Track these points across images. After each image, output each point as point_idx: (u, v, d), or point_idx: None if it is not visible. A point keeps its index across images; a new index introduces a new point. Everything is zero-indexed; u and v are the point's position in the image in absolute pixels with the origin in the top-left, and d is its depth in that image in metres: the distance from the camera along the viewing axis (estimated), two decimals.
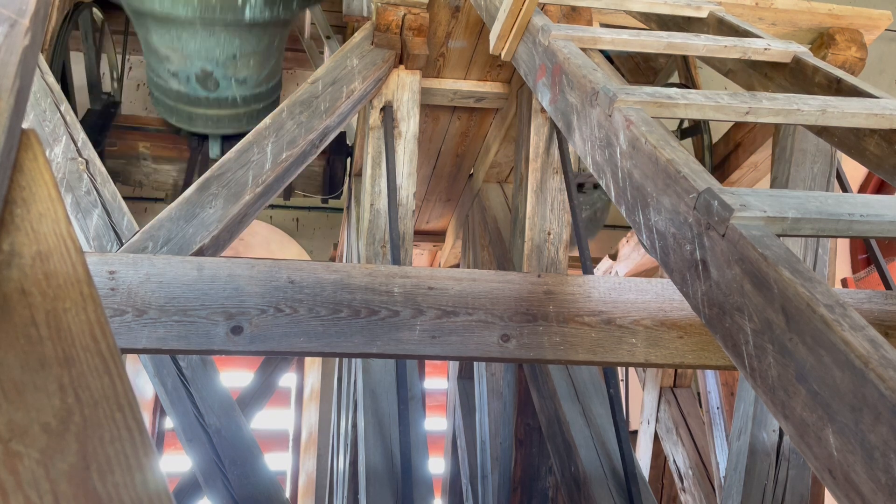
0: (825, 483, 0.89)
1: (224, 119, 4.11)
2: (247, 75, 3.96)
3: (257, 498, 2.54)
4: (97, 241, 2.72)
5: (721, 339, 1.15)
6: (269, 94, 4.24)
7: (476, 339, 2.33)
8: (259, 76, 4.04)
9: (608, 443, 2.75)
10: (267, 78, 4.11)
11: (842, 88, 1.79)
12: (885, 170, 1.69)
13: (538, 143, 3.41)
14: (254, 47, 3.88)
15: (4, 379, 0.66)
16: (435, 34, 3.43)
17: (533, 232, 3.37)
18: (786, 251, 1.05)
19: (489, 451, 3.86)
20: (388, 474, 2.50)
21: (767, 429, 3.02)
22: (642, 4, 2.34)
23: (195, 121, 4.13)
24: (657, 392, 5.17)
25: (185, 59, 3.79)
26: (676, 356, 2.43)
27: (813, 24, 3.28)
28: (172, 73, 3.89)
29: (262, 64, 3.98)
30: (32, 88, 1.99)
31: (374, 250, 3.15)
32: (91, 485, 0.61)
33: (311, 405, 7.41)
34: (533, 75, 2.10)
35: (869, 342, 0.87)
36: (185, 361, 2.65)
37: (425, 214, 5.32)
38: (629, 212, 1.47)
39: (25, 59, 0.86)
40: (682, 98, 1.57)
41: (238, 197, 2.76)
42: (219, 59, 3.80)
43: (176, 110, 4.10)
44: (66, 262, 0.76)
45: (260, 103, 4.18)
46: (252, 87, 4.05)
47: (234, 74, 3.91)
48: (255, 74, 4.01)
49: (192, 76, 3.86)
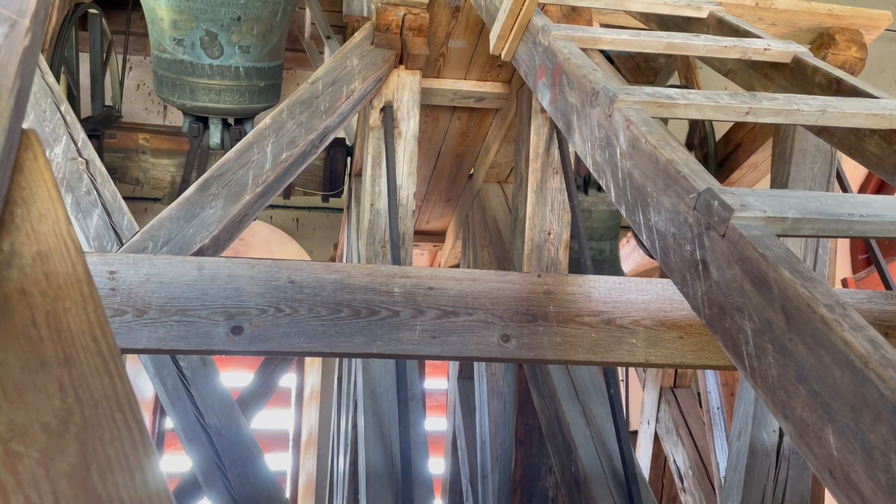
0: (825, 483, 0.89)
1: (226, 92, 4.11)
2: (250, 43, 3.98)
3: (257, 498, 2.54)
4: (97, 241, 2.72)
5: (721, 340, 1.15)
6: (271, 74, 4.25)
7: (476, 339, 2.33)
8: (262, 49, 4.06)
9: (608, 443, 2.75)
10: (269, 55, 4.12)
11: (842, 88, 1.79)
12: (885, 170, 1.69)
13: (538, 143, 3.41)
14: (258, 12, 3.91)
15: (4, 379, 0.66)
16: (435, 34, 3.43)
17: (533, 232, 3.37)
18: (786, 251, 1.05)
19: (489, 451, 3.85)
20: (388, 474, 2.50)
21: (767, 429, 3.02)
22: (642, 4, 2.34)
23: (197, 93, 4.12)
24: (657, 392, 5.17)
25: (191, 21, 3.81)
26: (676, 356, 2.43)
27: (813, 24, 3.28)
28: (177, 40, 3.90)
29: (266, 35, 4.00)
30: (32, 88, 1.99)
31: (374, 250, 3.15)
32: (91, 485, 0.61)
33: (311, 405, 7.41)
34: (533, 75, 2.11)
35: (869, 342, 0.87)
36: (185, 361, 2.65)
37: (425, 214, 5.32)
38: (629, 212, 1.47)
39: (26, 59, 0.86)
40: (682, 98, 1.57)
41: (238, 197, 2.76)
42: (223, 20, 3.84)
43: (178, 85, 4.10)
44: (67, 262, 0.76)
45: (262, 81, 4.19)
46: (255, 60, 4.06)
47: (239, 41, 3.94)
48: (259, 45, 4.03)
49: (197, 41, 3.88)
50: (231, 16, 3.85)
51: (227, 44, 3.93)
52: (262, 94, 4.20)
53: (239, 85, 4.12)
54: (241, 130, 4.28)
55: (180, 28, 3.86)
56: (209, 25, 3.85)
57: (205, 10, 3.80)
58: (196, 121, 4.36)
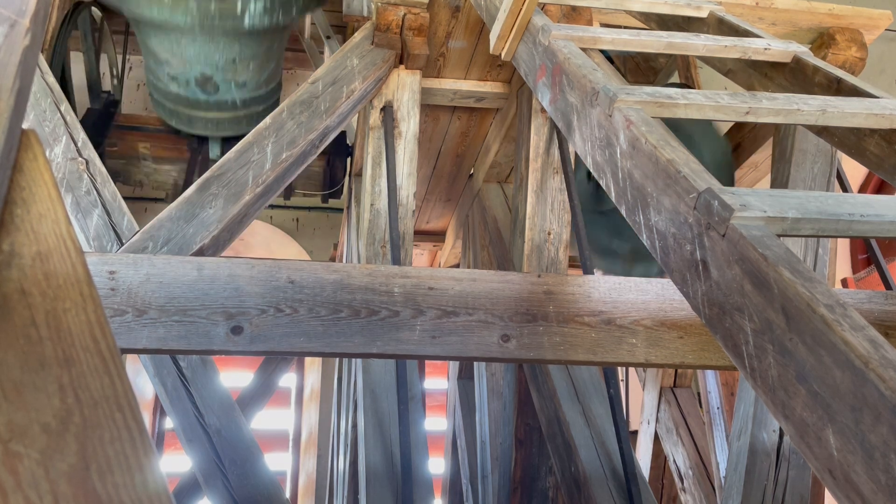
0: (825, 483, 0.89)
1: (224, 122, 4.12)
2: (247, 79, 3.97)
3: (257, 498, 2.54)
4: (97, 241, 2.72)
5: (721, 340, 1.15)
6: (269, 96, 4.25)
7: (476, 340, 2.33)
8: (259, 79, 4.05)
9: (608, 443, 2.75)
10: (267, 81, 4.12)
11: (842, 88, 1.79)
12: (885, 170, 1.69)
13: (538, 143, 3.41)
14: (254, 52, 3.88)
15: (4, 379, 0.65)
16: (435, 34, 3.43)
17: (533, 232, 3.37)
18: (786, 251, 1.05)
19: (489, 451, 3.85)
20: (388, 474, 2.50)
21: (767, 429, 3.02)
22: (642, 4, 2.34)
23: (195, 123, 4.13)
24: (657, 392, 5.17)
25: (184, 64, 3.80)
26: (676, 356, 2.43)
27: (813, 23, 3.28)
28: (172, 76, 3.89)
29: (262, 67, 3.99)
30: (32, 88, 1.99)
31: (374, 250, 3.15)
32: (91, 485, 0.61)
33: (311, 405, 7.41)
34: (533, 75, 2.10)
35: (869, 342, 0.86)
36: (185, 361, 2.65)
37: (425, 214, 5.32)
38: (629, 212, 1.47)
39: (25, 59, 0.86)
40: (682, 98, 1.57)
41: (238, 197, 2.76)
42: (218, 63, 3.81)
43: (175, 113, 4.11)
44: (66, 262, 0.76)
45: (260, 106, 4.19)
46: (252, 90, 4.05)
47: (234, 78, 3.92)
48: (255, 78, 4.02)
49: (192, 80, 3.87)
50: (226, 58, 3.82)
51: (222, 82, 3.91)
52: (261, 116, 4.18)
53: (236, 115, 4.12)
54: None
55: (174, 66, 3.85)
56: (203, 68, 3.82)
57: (198, 56, 3.77)
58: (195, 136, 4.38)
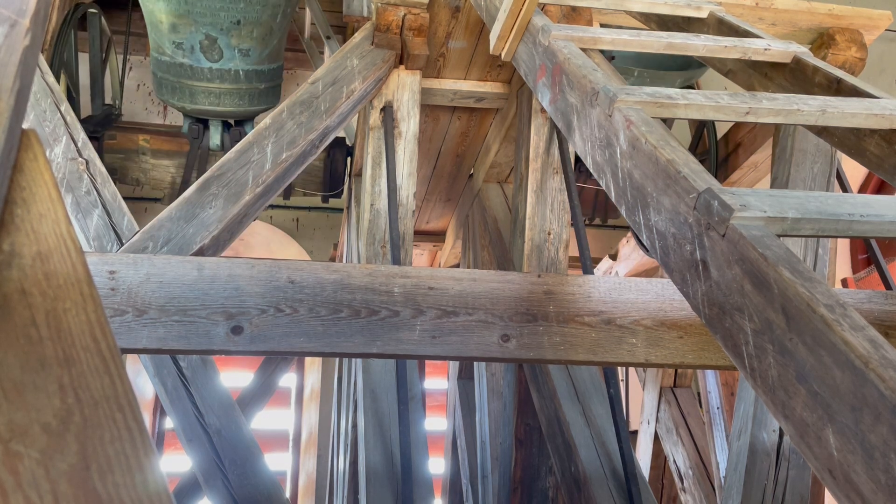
0: (825, 483, 0.89)
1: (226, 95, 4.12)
2: (250, 46, 3.98)
3: (257, 498, 2.54)
4: (97, 242, 2.72)
5: (721, 340, 1.15)
6: (271, 76, 4.25)
7: (476, 339, 2.33)
8: (262, 52, 4.06)
9: (608, 443, 2.75)
10: (269, 58, 4.12)
11: (842, 88, 1.79)
12: (885, 170, 1.69)
13: (538, 143, 3.41)
14: (258, 15, 3.91)
15: (4, 379, 0.66)
16: (435, 34, 3.43)
17: (533, 232, 3.37)
18: (786, 251, 1.05)
19: (489, 451, 3.85)
20: (388, 474, 2.50)
21: (767, 429, 3.02)
22: (642, 4, 2.34)
23: (197, 96, 4.12)
24: (657, 392, 5.17)
25: (190, 25, 3.81)
26: (676, 356, 2.43)
27: (813, 24, 3.28)
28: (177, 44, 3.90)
29: (265, 38, 4.01)
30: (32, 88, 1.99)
31: (374, 250, 3.15)
32: (91, 485, 0.61)
33: (311, 405, 7.41)
34: (533, 75, 2.11)
35: (869, 342, 0.87)
36: (185, 361, 2.65)
37: (425, 214, 5.32)
38: (629, 212, 1.47)
39: (25, 59, 0.86)
40: (682, 98, 1.57)
41: (238, 197, 2.76)
42: (223, 24, 3.84)
43: (178, 88, 4.11)
44: (66, 262, 0.76)
45: (262, 83, 4.19)
46: (254, 62, 4.06)
47: (238, 44, 3.94)
48: (258, 48, 4.04)
49: (197, 45, 3.88)
50: (231, 20, 3.85)
51: (226, 47, 3.94)
52: (262, 96, 4.20)
53: (239, 88, 4.12)
54: (240, 131, 4.28)
55: (180, 32, 3.87)
56: (208, 29, 3.85)
57: (204, 14, 3.80)
58: (196, 122, 4.36)
